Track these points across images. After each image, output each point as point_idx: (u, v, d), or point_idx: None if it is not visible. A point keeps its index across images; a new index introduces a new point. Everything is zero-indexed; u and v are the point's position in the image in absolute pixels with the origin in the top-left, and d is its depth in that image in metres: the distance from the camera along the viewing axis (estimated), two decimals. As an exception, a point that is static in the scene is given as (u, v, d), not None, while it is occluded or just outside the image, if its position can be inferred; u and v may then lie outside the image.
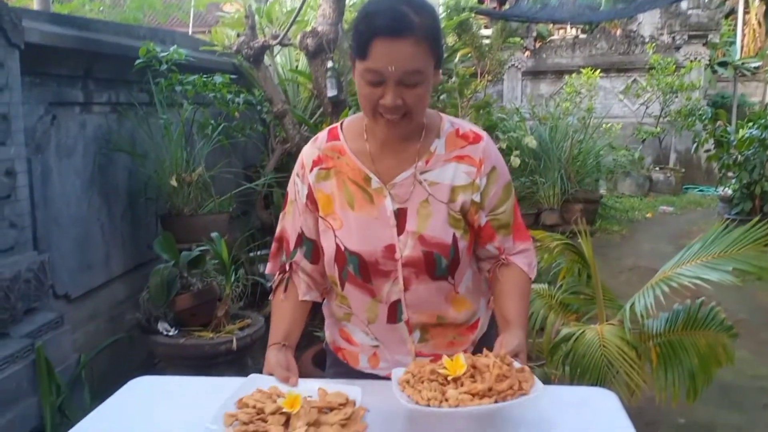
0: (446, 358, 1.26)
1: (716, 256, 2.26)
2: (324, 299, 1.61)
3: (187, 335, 3.06)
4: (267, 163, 4.65)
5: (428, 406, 1.17)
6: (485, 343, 1.60)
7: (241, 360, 3.12)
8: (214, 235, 3.17)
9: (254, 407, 1.24)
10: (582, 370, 2.22)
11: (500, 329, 1.47)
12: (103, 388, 1.49)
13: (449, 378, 1.23)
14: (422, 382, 1.24)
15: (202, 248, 3.11)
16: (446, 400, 1.17)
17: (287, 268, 1.55)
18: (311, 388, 1.32)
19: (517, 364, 1.28)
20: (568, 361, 2.32)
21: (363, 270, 1.45)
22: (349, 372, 1.57)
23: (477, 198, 1.45)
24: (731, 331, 2.30)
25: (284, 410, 1.22)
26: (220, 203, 3.86)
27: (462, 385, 1.21)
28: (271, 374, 1.39)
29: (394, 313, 1.49)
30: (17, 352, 2.38)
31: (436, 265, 1.44)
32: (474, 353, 1.55)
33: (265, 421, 1.22)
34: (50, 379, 2.45)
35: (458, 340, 1.56)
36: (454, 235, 1.44)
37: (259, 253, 4.19)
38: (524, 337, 1.40)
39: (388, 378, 1.55)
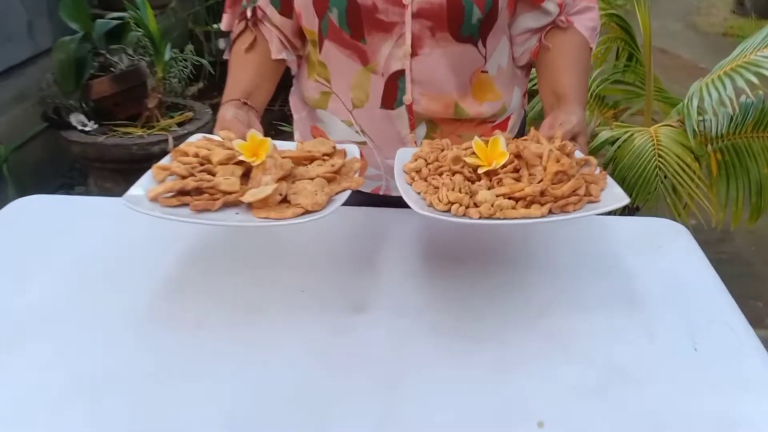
0: (477, 140, 0.87)
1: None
2: (294, 77, 1.21)
3: (110, 132, 2.47)
4: None
5: (449, 213, 0.81)
6: None
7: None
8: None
9: (197, 155, 0.88)
10: (628, 184, 1.73)
11: (547, 110, 1.09)
12: (32, 186, 1.08)
13: (481, 171, 0.85)
14: (441, 175, 0.87)
15: (121, 16, 2.43)
16: (476, 205, 0.81)
17: (249, 14, 1.10)
18: (286, 145, 0.96)
19: (578, 154, 0.91)
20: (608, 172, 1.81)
21: (353, 19, 1.02)
22: None
23: None
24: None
25: (242, 159, 0.86)
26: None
27: (500, 183, 0.84)
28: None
29: (393, 90, 1.08)
30: None
31: (465, 17, 1.02)
32: None
33: (212, 173, 0.86)
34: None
35: None
36: None
37: (216, 26, 3.48)
38: (584, 116, 1.03)
39: (378, 194, 1.17)
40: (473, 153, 0.87)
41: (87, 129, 2.42)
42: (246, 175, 0.87)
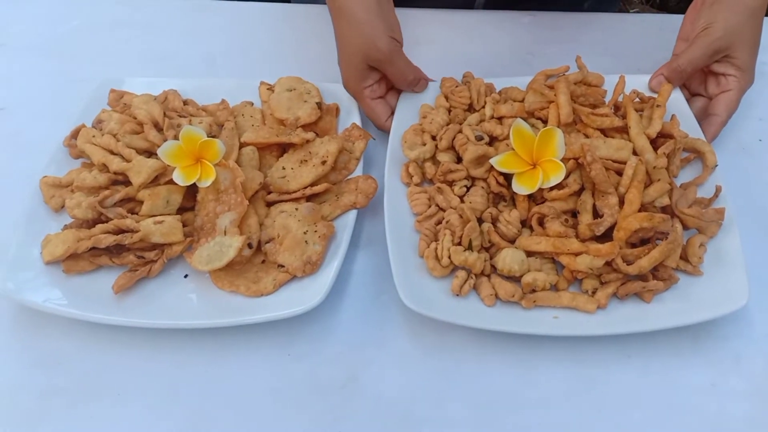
0: (521, 124, 0.59)
1: None
2: None
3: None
4: None
5: (459, 295, 0.57)
6: None
7: None
8: None
9: (105, 168, 0.62)
10: None
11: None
12: None
13: (515, 188, 0.59)
14: (451, 184, 0.61)
15: None
16: (493, 268, 0.58)
17: None
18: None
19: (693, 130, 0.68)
20: None
21: None
22: None
23: None
24: None
25: (178, 180, 0.60)
26: None
27: (540, 221, 0.58)
28: None
29: None
30: None
31: None
32: None
33: (135, 198, 0.60)
34: None
35: None
36: None
37: None
38: (751, 25, 0.71)
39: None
40: (508, 143, 0.60)
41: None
42: (190, 194, 0.60)
